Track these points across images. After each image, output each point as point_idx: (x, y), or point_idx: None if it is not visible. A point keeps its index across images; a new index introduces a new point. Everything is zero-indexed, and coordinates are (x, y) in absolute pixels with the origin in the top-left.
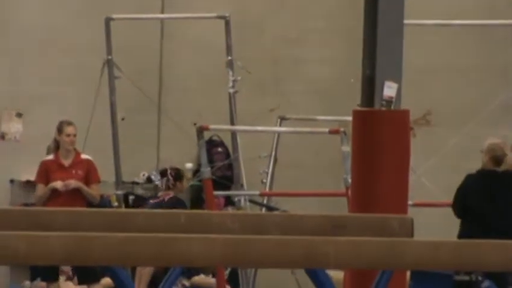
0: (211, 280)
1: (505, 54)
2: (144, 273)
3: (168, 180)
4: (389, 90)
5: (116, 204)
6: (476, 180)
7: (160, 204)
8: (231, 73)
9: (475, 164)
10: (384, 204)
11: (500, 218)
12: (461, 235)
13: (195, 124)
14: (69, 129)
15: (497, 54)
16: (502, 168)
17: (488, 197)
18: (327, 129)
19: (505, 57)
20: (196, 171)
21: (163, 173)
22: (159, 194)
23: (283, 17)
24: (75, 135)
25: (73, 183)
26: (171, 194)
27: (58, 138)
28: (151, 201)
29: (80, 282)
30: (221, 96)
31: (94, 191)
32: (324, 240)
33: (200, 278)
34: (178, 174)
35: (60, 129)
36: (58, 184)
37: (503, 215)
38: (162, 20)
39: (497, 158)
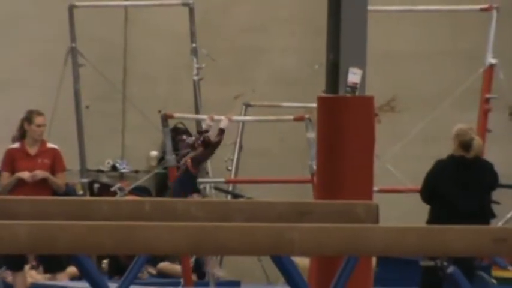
0: (177, 267)
1: (470, 40)
2: None
3: (195, 141)
4: (353, 76)
5: (80, 192)
6: (446, 166)
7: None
8: (195, 60)
9: (440, 150)
10: (349, 191)
11: (469, 204)
12: (431, 221)
13: (159, 112)
14: (39, 120)
15: (462, 39)
16: (472, 153)
17: (457, 183)
18: (291, 117)
19: (470, 43)
20: (161, 159)
21: (200, 133)
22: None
23: (246, 5)
24: (44, 126)
25: (40, 174)
26: (188, 163)
27: (27, 128)
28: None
29: (46, 271)
30: (186, 83)
31: (60, 180)
32: (289, 226)
33: (166, 265)
34: (208, 144)
35: (30, 119)
36: (25, 175)
37: (473, 200)
38: (126, 8)
39: (465, 143)
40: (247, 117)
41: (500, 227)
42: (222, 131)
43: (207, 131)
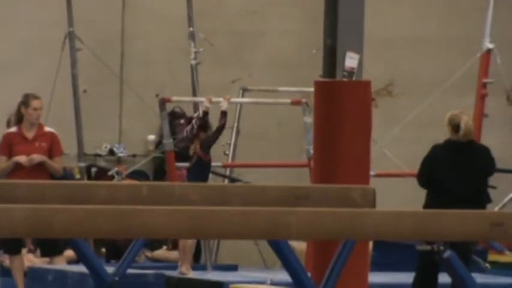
0: (171, 254)
1: (467, 24)
2: (189, 246)
3: (192, 129)
4: (351, 61)
5: (78, 176)
6: (443, 151)
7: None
8: (192, 45)
9: (437, 134)
10: (346, 175)
11: (465, 188)
12: (427, 206)
13: (157, 96)
14: (36, 103)
15: (460, 24)
16: (461, 133)
17: (454, 168)
18: (289, 101)
19: (467, 27)
20: (158, 143)
21: (189, 122)
22: (191, 153)
23: None
24: (41, 109)
25: (37, 158)
26: (198, 152)
27: (23, 112)
28: (186, 166)
29: (43, 255)
30: (183, 68)
31: (57, 164)
32: (286, 211)
33: (161, 253)
34: (203, 125)
35: (26, 103)
36: (22, 159)
37: (469, 185)
38: None
39: (455, 125)
40: (245, 100)
41: (496, 211)
42: (224, 114)
43: (192, 119)
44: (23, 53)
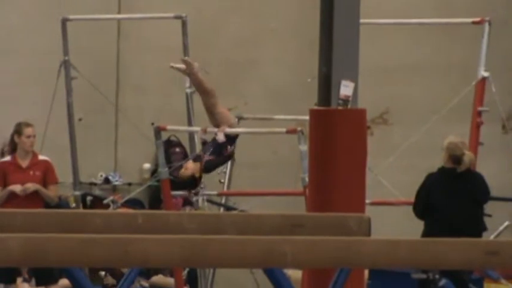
0: (169, 280)
1: (462, 52)
2: None
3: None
4: (345, 89)
5: (73, 205)
6: (437, 179)
7: None
8: None
9: (432, 162)
10: (341, 203)
11: (461, 217)
12: (425, 235)
13: (152, 124)
14: (28, 131)
15: (455, 52)
16: (463, 167)
17: (449, 196)
18: (284, 129)
19: (462, 55)
20: (154, 172)
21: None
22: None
23: (238, 18)
24: (34, 136)
25: (31, 187)
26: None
27: (17, 140)
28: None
29: (38, 284)
30: (178, 96)
31: (52, 192)
32: (282, 239)
33: (159, 278)
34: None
35: (19, 131)
36: (17, 188)
37: (464, 213)
38: (118, 21)
39: (455, 157)
40: (240, 129)
41: (491, 239)
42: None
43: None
44: (18, 81)
